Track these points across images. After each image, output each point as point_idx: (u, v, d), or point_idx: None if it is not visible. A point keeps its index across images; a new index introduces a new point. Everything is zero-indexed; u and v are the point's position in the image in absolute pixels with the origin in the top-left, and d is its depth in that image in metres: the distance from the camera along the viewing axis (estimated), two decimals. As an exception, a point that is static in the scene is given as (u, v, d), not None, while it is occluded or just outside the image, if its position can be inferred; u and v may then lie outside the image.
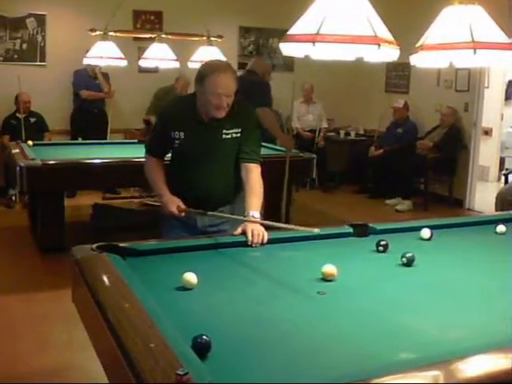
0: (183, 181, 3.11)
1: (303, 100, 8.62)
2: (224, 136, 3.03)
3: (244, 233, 2.72)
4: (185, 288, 2.15)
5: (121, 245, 2.49)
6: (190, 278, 2.16)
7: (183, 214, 3.00)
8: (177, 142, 3.06)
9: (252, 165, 3.04)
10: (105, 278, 2.13)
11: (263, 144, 6.15)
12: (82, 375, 3.15)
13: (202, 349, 1.59)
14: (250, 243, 2.66)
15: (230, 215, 3.01)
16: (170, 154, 3.19)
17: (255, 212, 2.85)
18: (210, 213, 2.97)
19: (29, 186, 4.84)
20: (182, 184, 3.10)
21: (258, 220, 2.80)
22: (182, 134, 3.05)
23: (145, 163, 3.21)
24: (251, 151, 3.05)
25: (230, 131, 3.03)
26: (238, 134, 3.05)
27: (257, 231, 2.70)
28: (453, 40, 2.21)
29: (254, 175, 3.01)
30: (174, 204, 2.99)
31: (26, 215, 6.29)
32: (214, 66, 3.02)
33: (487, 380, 1.52)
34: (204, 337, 1.61)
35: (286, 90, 7.95)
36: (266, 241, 2.70)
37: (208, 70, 2.98)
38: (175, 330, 1.70)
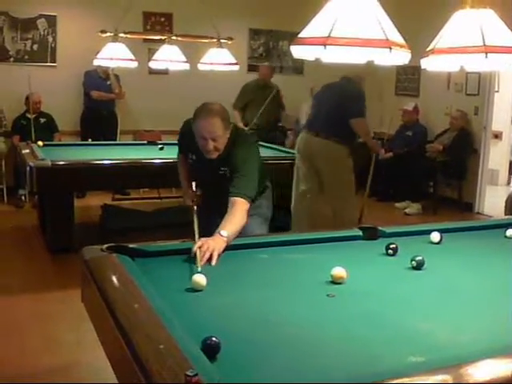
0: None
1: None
2: (221, 172, 3.21)
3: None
4: (194, 289, 2.15)
5: (130, 246, 2.50)
6: (200, 279, 2.17)
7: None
8: (190, 160, 3.42)
9: (236, 198, 2.96)
10: (114, 279, 2.14)
11: (272, 146, 6.32)
12: (91, 374, 3.16)
13: (211, 350, 1.59)
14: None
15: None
16: None
17: (224, 231, 2.66)
18: (194, 220, 3.05)
19: (38, 186, 4.86)
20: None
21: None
22: (194, 156, 3.35)
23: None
24: (238, 186, 3.02)
25: (223, 169, 3.20)
26: (228, 174, 3.16)
27: (206, 246, 2.50)
28: (464, 44, 2.20)
29: (236, 207, 2.92)
30: (188, 196, 3.47)
31: (35, 215, 6.30)
32: (202, 109, 3.14)
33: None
34: (213, 338, 1.62)
35: (295, 93, 8.01)
36: (214, 260, 2.47)
37: (197, 114, 3.13)
38: (184, 331, 1.71)
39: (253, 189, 3.08)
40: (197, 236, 2.72)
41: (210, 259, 2.46)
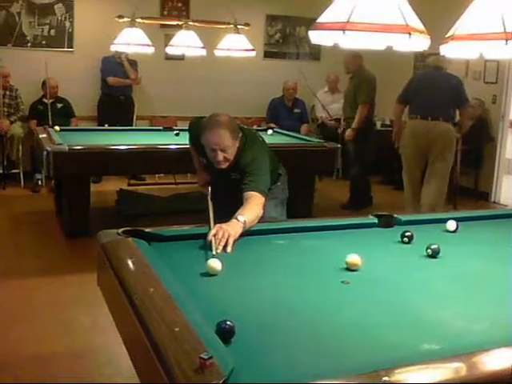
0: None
1: (328, 89, 8.56)
2: (232, 177, 3.22)
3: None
4: (209, 274, 2.16)
5: (146, 230, 2.52)
6: (215, 264, 2.18)
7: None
8: (201, 163, 3.56)
9: (250, 192, 2.96)
10: (130, 263, 2.15)
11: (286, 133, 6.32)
12: (107, 358, 3.19)
13: (225, 334, 1.60)
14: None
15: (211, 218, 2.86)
16: None
17: (241, 216, 2.66)
18: (209, 202, 3.13)
19: (55, 170, 4.89)
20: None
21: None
22: (204, 160, 3.42)
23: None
24: (251, 182, 3.02)
25: (234, 174, 3.21)
26: (239, 177, 3.15)
27: (222, 233, 2.47)
28: (484, 30, 2.17)
29: (250, 200, 2.90)
30: (202, 180, 3.70)
31: (51, 200, 6.34)
32: (210, 122, 3.15)
33: (511, 373, 1.51)
34: (228, 322, 1.63)
35: (311, 79, 7.95)
36: (229, 247, 2.44)
37: (205, 125, 3.14)
38: (199, 315, 1.72)
39: (266, 183, 3.10)
40: (212, 221, 2.73)
41: (225, 246, 2.45)
